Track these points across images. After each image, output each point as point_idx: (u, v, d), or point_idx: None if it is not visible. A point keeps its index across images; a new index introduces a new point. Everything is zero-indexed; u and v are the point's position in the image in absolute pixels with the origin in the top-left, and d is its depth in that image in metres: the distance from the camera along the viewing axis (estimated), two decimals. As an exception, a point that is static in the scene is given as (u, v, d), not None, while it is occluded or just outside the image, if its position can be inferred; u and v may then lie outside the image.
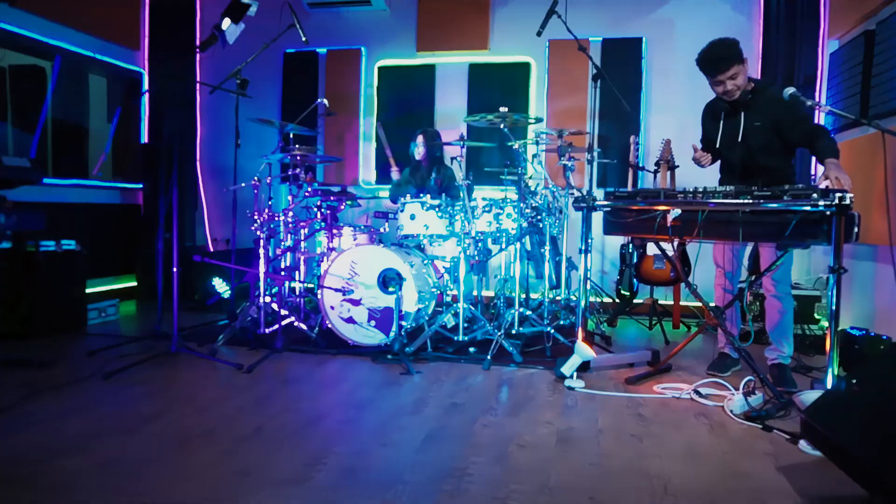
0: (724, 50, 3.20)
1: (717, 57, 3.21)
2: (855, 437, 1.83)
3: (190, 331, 4.37)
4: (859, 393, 1.98)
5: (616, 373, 3.56)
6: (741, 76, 3.21)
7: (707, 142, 3.56)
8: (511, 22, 5.83)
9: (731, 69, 3.18)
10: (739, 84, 3.22)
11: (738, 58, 3.19)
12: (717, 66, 3.21)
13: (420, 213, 4.00)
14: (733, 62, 3.18)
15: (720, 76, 3.22)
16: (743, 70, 3.22)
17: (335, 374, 3.45)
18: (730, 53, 3.18)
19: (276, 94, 6.31)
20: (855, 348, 3.45)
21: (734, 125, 3.34)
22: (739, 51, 3.20)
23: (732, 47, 3.20)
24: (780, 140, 3.25)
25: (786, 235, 2.73)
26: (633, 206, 3.18)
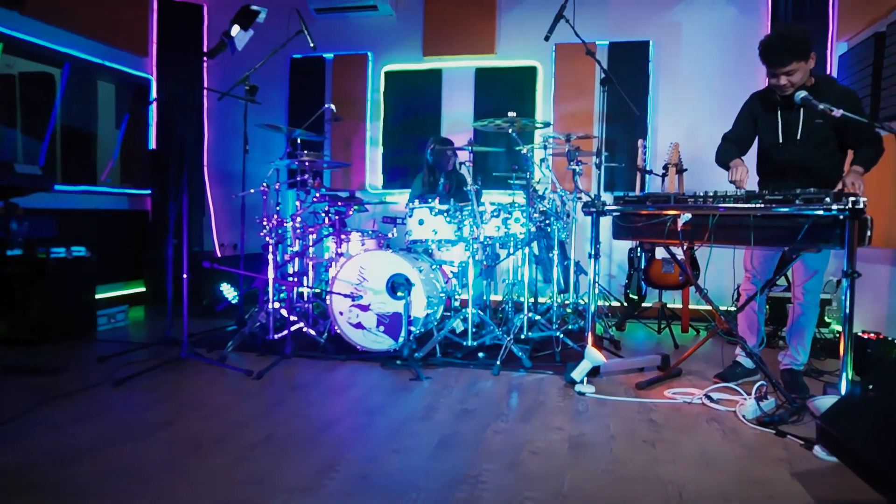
0: (786, 42, 2.94)
1: (777, 48, 2.96)
2: (871, 442, 1.82)
3: (199, 337, 4.38)
4: (875, 398, 1.96)
5: (626, 377, 3.54)
6: (800, 73, 2.97)
7: (742, 135, 3.33)
8: (517, 26, 5.84)
9: (789, 65, 2.95)
10: (795, 81, 2.99)
11: (800, 54, 2.93)
12: (775, 58, 2.97)
13: (429, 218, 4.00)
14: (793, 58, 2.93)
15: (776, 69, 2.99)
16: (804, 67, 2.97)
17: (345, 379, 3.45)
18: (791, 47, 2.93)
19: (282, 99, 6.33)
20: (867, 352, 3.43)
21: (792, 121, 3.11)
22: (805, 47, 2.94)
23: (797, 42, 2.93)
24: (837, 141, 3.08)
25: (798, 240, 2.72)
26: (643, 210, 3.17)
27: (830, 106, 2.71)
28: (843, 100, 2.96)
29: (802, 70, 2.98)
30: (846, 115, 2.67)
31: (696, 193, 3.04)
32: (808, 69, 3.00)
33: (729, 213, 2.89)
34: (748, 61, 3.01)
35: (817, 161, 3.11)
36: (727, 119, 3.53)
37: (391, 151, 6.12)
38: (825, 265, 3.22)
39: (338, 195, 4.62)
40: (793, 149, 3.15)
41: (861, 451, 1.82)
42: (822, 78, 3.15)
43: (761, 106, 3.29)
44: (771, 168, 3.35)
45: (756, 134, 3.33)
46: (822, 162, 3.10)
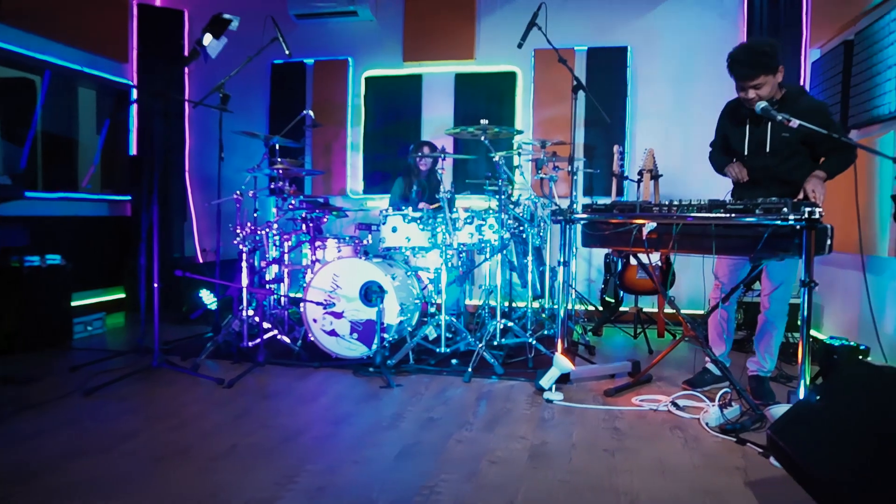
0: (753, 56, 2.94)
1: (744, 62, 2.96)
2: (815, 455, 1.84)
3: (175, 344, 4.38)
4: (823, 409, 1.99)
5: (597, 384, 3.57)
6: (767, 87, 2.98)
7: (722, 145, 3.39)
8: (497, 31, 5.86)
9: (756, 79, 2.95)
10: (763, 95, 2.98)
11: (767, 68, 2.94)
12: (742, 71, 2.97)
13: (402, 225, 4.01)
14: (760, 72, 2.94)
15: (744, 82, 3.00)
16: (771, 81, 2.98)
17: (315, 387, 3.46)
18: (758, 61, 2.93)
19: (263, 105, 6.33)
20: (834, 358, 3.46)
21: (760, 133, 3.13)
22: (772, 61, 2.94)
23: (764, 56, 2.93)
24: (808, 151, 3.09)
25: (758, 249, 2.74)
26: (609, 219, 3.20)
27: (788, 116, 2.73)
28: (810, 112, 2.97)
29: (770, 83, 3.00)
30: (803, 125, 2.69)
31: (662, 202, 3.07)
32: (775, 82, 3.02)
33: (691, 222, 2.91)
34: (725, 68, 3.04)
35: (787, 172, 3.13)
36: (704, 125, 3.55)
37: (372, 157, 6.13)
38: (792, 276, 3.23)
39: (316, 201, 4.64)
40: (761, 160, 3.17)
41: (805, 465, 1.85)
42: (793, 90, 3.16)
43: (730, 118, 3.33)
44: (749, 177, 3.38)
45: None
46: (793, 172, 3.10)
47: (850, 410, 1.89)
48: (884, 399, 1.83)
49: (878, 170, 3.66)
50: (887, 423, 1.75)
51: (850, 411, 1.89)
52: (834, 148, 2.93)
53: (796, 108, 3.02)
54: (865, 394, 1.91)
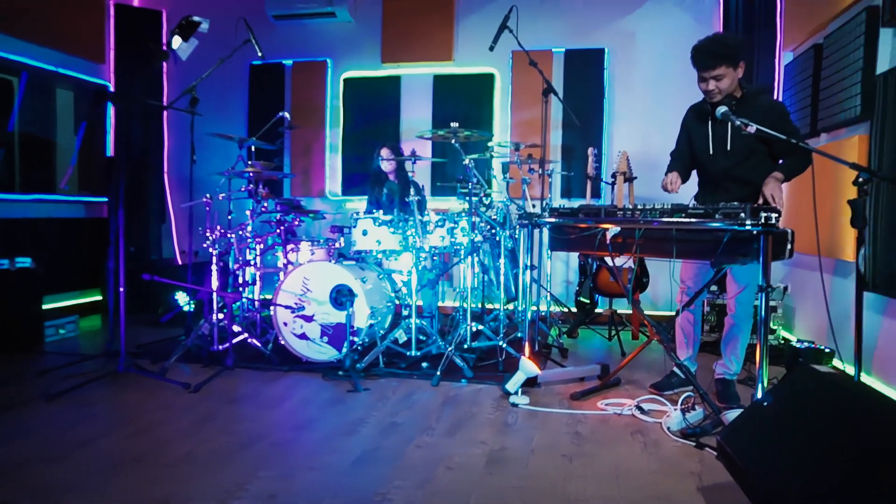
0: (716, 46, 2.98)
1: (707, 51, 2.99)
2: (758, 462, 1.85)
3: (147, 347, 4.36)
4: (770, 416, 1.99)
5: (565, 388, 3.57)
6: (727, 80, 3.02)
7: (683, 149, 3.42)
8: (475, 33, 5.85)
9: (716, 69, 2.99)
10: (722, 88, 3.04)
11: (729, 59, 2.98)
12: (703, 60, 3.01)
13: (372, 228, 4.01)
14: (721, 62, 2.98)
15: (704, 72, 3.04)
16: (732, 74, 3.02)
17: (282, 392, 3.45)
18: (722, 52, 2.97)
19: (242, 106, 6.31)
20: (800, 361, 3.47)
21: (722, 132, 3.16)
22: (735, 53, 2.98)
23: (727, 47, 2.97)
24: (767, 151, 3.12)
25: (718, 253, 2.75)
26: (573, 223, 3.20)
27: (747, 121, 2.74)
28: (767, 113, 3.02)
29: (730, 77, 3.04)
30: (761, 130, 2.71)
31: (626, 207, 3.08)
32: (735, 77, 3.06)
33: (653, 227, 2.91)
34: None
35: (748, 172, 3.15)
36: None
37: (350, 158, 6.11)
38: (757, 279, 3.23)
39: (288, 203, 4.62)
40: (723, 160, 3.20)
41: (748, 472, 1.85)
42: (752, 90, 3.19)
43: (694, 118, 3.36)
44: (706, 179, 3.41)
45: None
46: (753, 172, 3.13)
47: (796, 418, 1.90)
48: (828, 407, 1.84)
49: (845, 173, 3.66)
50: (830, 432, 1.75)
51: (795, 419, 1.90)
52: (790, 150, 2.94)
53: (754, 108, 3.06)
54: (811, 401, 1.91)
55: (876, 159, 3.20)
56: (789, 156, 3.05)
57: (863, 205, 2.53)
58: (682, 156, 3.44)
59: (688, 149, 3.42)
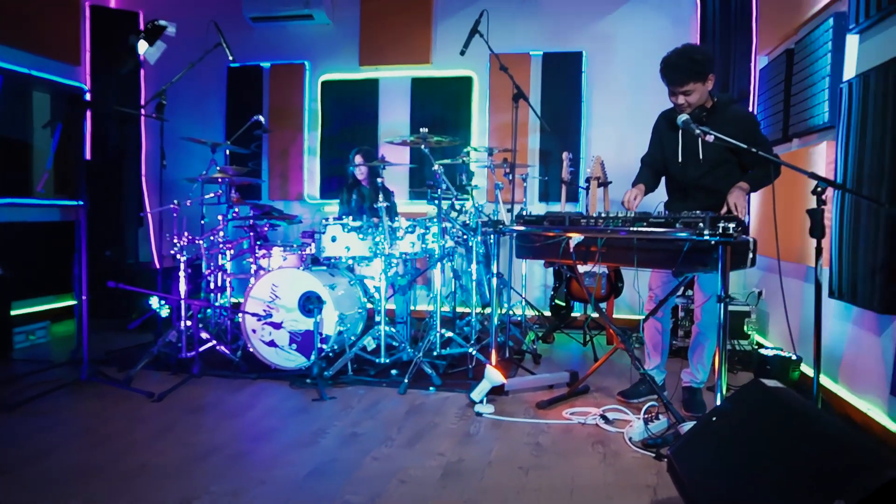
0: (685, 61, 2.97)
1: (675, 67, 2.99)
2: (701, 478, 1.83)
3: (117, 353, 4.32)
4: (717, 432, 1.98)
5: (533, 395, 3.55)
6: (696, 94, 3.01)
7: (654, 156, 3.40)
8: (453, 36, 5.80)
9: (686, 85, 2.98)
10: (692, 101, 3.02)
11: (697, 75, 2.96)
12: (672, 76, 3.01)
13: (341, 234, 3.97)
14: (690, 79, 2.97)
15: (673, 87, 3.04)
16: (701, 89, 3.00)
17: (247, 400, 3.41)
18: (690, 67, 2.96)
19: (220, 109, 6.27)
20: (767, 369, 3.46)
21: (692, 141, 3.13)
22: (704, 68, 2.96)
23: (695, 63, 2.95)
24: (736, 161, 3.11)
25: (678, 263, 2.73)
26: (537, 232, 3.18)
27: (707, 129, 2.73)
28: (735, 123, 3.01)
29: (699, 91, 3.03)
30: (719, 139, 2.69)
31: (589, 214, 3.06)
32: (705, 90, 3.05)
33: (614, 235, 2.89)
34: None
35: (716, 181, 3.14)
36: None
37: (329, 162, 6.08)
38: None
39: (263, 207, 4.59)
40: (693, 168, 3.19)
41: (693, 488, 1.83)
42: (723, 99, 3.18)
43: (665, 126, 3.34)
44: (675, 186, 3.40)
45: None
46: (722, 182, 3.11)
47: (740, 434, 1.88)
48: (771, 424, 1.82)
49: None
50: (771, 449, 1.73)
51: (739, 435, 1.88)
52: (757, 161, 2.93)
53: (724, 118, 3.05)
54: (757, 417, 1.89)
55: (841, 167, 3.19)
56: (757, 166, 3.05)
57: (821, 214, 2.52)
58: (654, 162, 3.43)
59: (659, 155, 3.40)
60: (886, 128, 2.79)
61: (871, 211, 2.88)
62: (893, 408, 2.77)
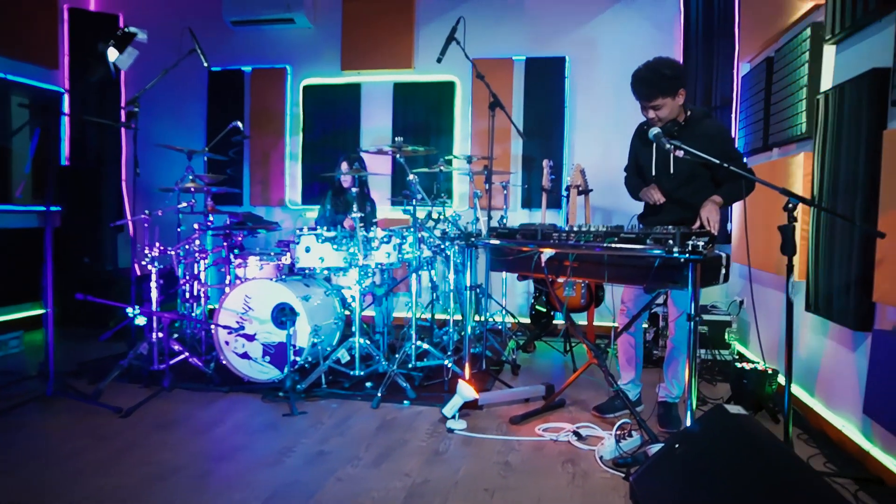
0: (654, 77, 2.91)
1: (644, 82, 2.94)
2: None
3: (89, 364, 4.26)
4: (679, 458, 1.93)
5: (508, 409, 3.50)
6: (666, 109, 2.96)
7: (634, 167, 3.36)
8: (436, 40, 5.66)
9: (654, 100, 2.94)
10: (662, 116, 2.97)
11: (666, 90, 2.91)
12: (640, 90, 2.97)
13: (315, 245, 3.92)
14: (659, 94, 2.92)
15: (644, 102, 3.00)
16: (671, 104, 2.95)
17: (216, 416, 3.35)
18: (658, 82, 2.91)
19: (201, 113, 6.20)
20: (744, 383, 3.42)
21: (665, 155, 3.08)
22: (673, 83, 2.91)
23: (664, 79, 2.90)
24: (709, 175, 3.06)
25: (649, 279, 2.69)
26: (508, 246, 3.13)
27: (678, 143, 2.69)
28: (708, 138, 2.97)
29: (669, 106, 2.98)
30: (689, 153, 2.65)
31: (562, 229, 3.02)
32: (675, 105, 3.00)
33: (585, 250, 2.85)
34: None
35: (689, 195, 3.10)
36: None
37: (311, 167, 6.02)
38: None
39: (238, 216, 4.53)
40: (666, 182, 3.15)
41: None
42: (697, 113, 3.13)
43: (640, 139, 3.31)
44: None
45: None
46: (695, 196, 3.08)
47: (700, 461, 1.84)
48: (730, 452, 1.78)
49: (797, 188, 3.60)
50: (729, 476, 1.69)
51: (699, 462, 1.83)
52: (730, 175, 2.88)
53: (696, 132, 3.00)
54: (716, 445, 1.85)
55: (818, 178, 3.15)
56: (730, 180, 3.00)
57: (792, 231, 2.49)
58: (636, 172, 3.38)
59: (636, 168, 3.36)
60: (860, 140, 2.75)
61: (845, 226, 2.84)
62: (867, 425, 2.73)
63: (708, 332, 4.48)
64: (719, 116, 4.96)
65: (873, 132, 2.66)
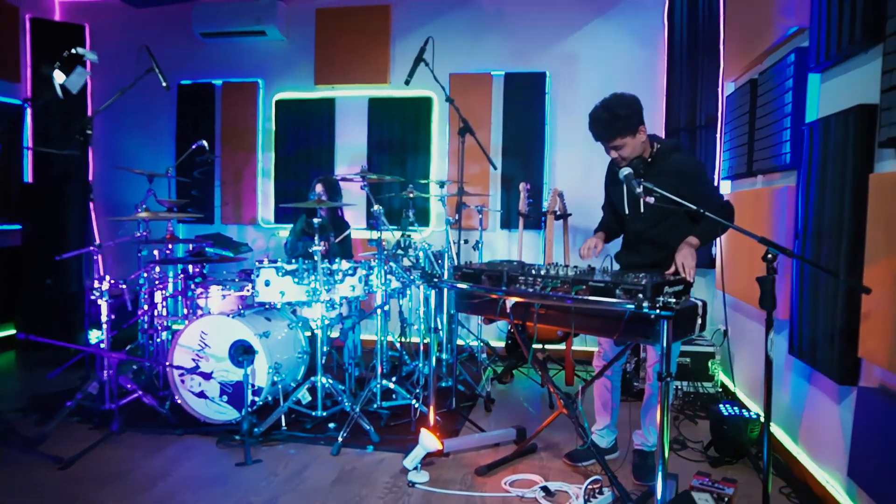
0: (608, 116, 2.78)
1: (599, 121, 2.81)
2: None
3: (44, 400, 4.03)
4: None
5: (476, 456, 3.31)
6: (628, 148, 2.82)
7: (609, 206, 3.20)
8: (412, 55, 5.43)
9: (613, 140, 2.81)
10: (625, 155, 2.84)
11: (623, 130, 2.77)
12: (597, 132, 2.84)
13: (275, 279, 3.71)
14: (616, 134, 2.79)
15: (602, 142, 2.87)
16: (631, 142, 2.81)
17: (164, 466, 3.14)
18: (613, 123, 2.77)
19: (170, 128, 5.98)
20: (724, 429, 3.23)
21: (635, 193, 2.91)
22: (629, 122, 2.77)
23: (619, 118, 2.75)
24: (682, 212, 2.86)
25: (619, 332, 2.49)
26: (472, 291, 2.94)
27: (651, 186, 2.51)
28: (677, 175, 2.82)
29: (630, 145, 2.84)
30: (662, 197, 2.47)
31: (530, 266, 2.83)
32: (636, 142, 2.85)
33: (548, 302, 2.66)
34: (645, 98, 2.89)
35: (662, 234, 2.93)
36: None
37: (284, 184, 5.82)
38: (675, 346, 3.01)
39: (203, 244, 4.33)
40: (637, 222, 2.99)
41: None
42: (666, 147, 2.97)
43: (610, 176, 3.15)
44: (625, 238, 3.20)
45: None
46: (668, 235, 2.90)
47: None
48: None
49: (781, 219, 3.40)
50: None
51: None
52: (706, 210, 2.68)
53: (663, 169, 2.84)
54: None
55: (801, 216, 2.97)
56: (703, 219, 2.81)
57: (771, 283, 2.30)
58: (612, 216, 3.21)
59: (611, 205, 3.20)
60: (846, 181, 2.57)
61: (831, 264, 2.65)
62: (852, 487, 2.55)
63: (690, 363, 4.30)
64: (704, 136, 4.78)
65: (858, 174, 2.48)
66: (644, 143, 2.86)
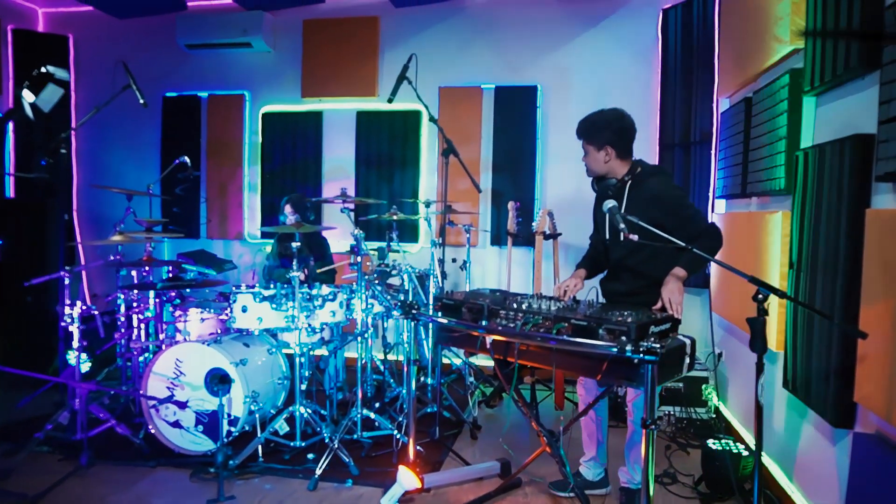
0: (587, 119, 2.91)
1: (581, 122, 2.92)
2: None
3: (13, 427, 3.90)
4: None
5: (458, 491, 3.19)
6: (589, 158, 2.90)
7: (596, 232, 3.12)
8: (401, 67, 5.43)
9: (582, 140, 2.91)
10: (589, 165, 2.93)
11: (589, 136, 2.87)
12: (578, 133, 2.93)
13: (252, 304, 3.59)
14: (581, 136, 2.90)
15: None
16: (593, 154, 2.87)
17: (133, 502, 3.03)
18: (583, 126, 2.89)
19: (155, 141, 5.87)
20: (716, 465, 3.11)
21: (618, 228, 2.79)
22: (595, 132, 2.86)
23: (590, 123, 2.88)
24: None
25: (602, 373, 2.37)
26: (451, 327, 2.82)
27: (634, 220, 2.39)
28: (656, 202, 2.74)
29: (592, 156, 2.88)
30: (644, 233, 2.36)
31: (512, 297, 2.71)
32: (598, 159, 2.87)
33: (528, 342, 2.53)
34: (639, 112, 2.89)
35: (640, 263, 2.84)
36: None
37: (270, 198, 5.70)
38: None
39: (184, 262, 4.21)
40: (617, 249, 2.92)
41: None
42: (646, 170, 2.90)
43: (596, 202, 3.04)
44: (609, 265, 3.07)
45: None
46: (647, 264, 2.81)
47: None
48: None
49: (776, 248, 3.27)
50: None
51: None
52: (690, 237, 2.55)
53: (642, 195, 2.78)
54: None
55: (796, 245, 2.84)
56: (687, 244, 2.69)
57: (762, 325, 2.17)
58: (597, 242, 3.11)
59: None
60: (841, 214, 2.44)
61: (826, 297, 2.52)
62: (848, 535, 2.42)
63: (683, 388, 4.18)
64: (699, 153, 4.67)
65: (854, 208, 2.35)
66: (609, 164, 2.86)
